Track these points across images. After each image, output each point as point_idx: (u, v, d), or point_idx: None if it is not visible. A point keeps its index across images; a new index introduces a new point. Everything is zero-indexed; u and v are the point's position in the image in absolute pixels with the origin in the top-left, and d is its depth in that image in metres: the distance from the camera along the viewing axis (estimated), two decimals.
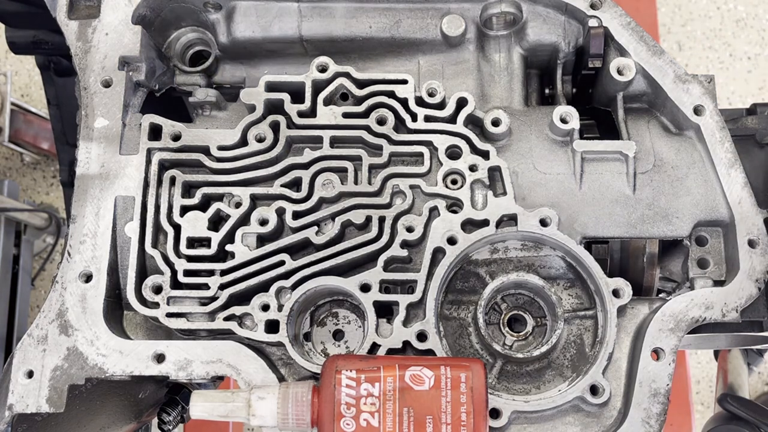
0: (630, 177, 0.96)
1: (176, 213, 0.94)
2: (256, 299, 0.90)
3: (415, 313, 0.92)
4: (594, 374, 0.88)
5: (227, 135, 0.96)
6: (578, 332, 0.94)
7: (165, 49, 1.06)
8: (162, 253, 0.92)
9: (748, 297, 0.91)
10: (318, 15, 1.03)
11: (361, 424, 0.77)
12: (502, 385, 0.93)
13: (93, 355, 0.88)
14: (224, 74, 1.08)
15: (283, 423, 0.79)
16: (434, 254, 0.92)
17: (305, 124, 0.97)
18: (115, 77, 0.98)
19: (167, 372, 0.88)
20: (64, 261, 0.92)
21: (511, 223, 0.93)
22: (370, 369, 0.79)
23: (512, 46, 1.03)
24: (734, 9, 2.88)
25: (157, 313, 0.90)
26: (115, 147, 0.95)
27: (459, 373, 0.79)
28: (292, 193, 0.95)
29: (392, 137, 0.96)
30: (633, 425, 0.86)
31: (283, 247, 0.93)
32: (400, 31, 1.03)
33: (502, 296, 0.97)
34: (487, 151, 0.95)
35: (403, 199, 0.94)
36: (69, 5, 1.00)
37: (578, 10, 1.00)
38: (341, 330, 0.95)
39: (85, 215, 0.93)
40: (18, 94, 2.77)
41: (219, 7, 1.03)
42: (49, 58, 1.44)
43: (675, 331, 0.89)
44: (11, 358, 0.88)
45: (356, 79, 0.98)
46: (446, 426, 0.77)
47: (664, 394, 0.87)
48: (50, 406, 0.86)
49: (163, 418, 1.06)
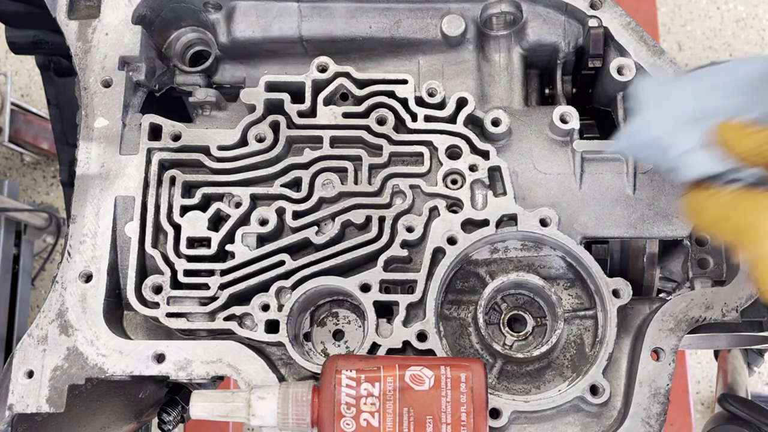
0: (630, 177, 0.96)
1: (176, 213, 0.94)
2: (256, 299, 0.91)
3: (415, 313, 0.92)
4: (594, 374, 0.88)
5: (227, 135, 0.96)
6: (578, 332, 0.94)
7: (165, 49, 1.06)
8: (162, 253, 0.93)
9: (748, 297, 0.91)
10: (318, 15, 1.03)
11: (361, 424, 0.77)
12: (502, 385, 0.93)
13: (93, 355, 0.88)
14: (224, 74, 1.08)
15: (283, 423, 0.79)
16: (434, 254, 0.92)
17: (305, 124, 0.97)
18: (115, 77, 0.98)
19: (167, 372, 0.88)
20: (64, 261, 0.92)
21: (511, 223, 0.93)
22: (370, 369, 0.79)
23: (512, 46, 1.03)
24: (734, 9, 2.89)
25: (157, 313, 0.90)
26: (115, 147, 0.95)
27: (459, 373, 0.79)
28: (292, 193, 0.95)
29: (392, 137, 0.96)
30: (633, 425, 0.87)
31: (283, 247, 0.93)
32: (400, 31, 1.03)
33: (502, 296, 0.97)
34: (487, 151, 0.95)
35: (403, 199, 0.94)
36: (69, 5, 1.00)
37: (578, 10, 1.00)
38: (341, 330, 0.95)
39: (85, 215, 0.93)
40: (18, 94, 2.77)
41: (219, 7, 1.03)
42: (49, 58, 1.44)
43: (675, 331, 0.89)
44: (11, 358, 0.88)
45: (356, 79, 0.98)
46: (446, 426, 0.77)
47: (664, 394, 0.87)
48: (50, 406, 0.86)
49: (163, 418, 1.06)
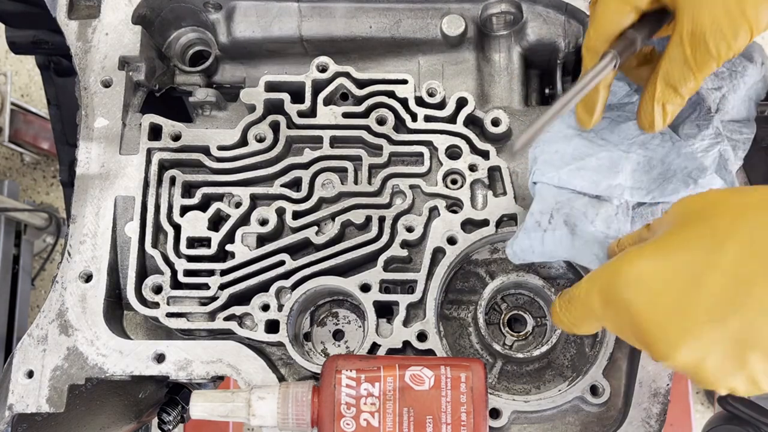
0: None
1: (176, 213, 0.94)
2: (256, 299, 0.91)
3: (415, 313, 0.92)
4: (594, 374, 0.88)
5: (227, 135, 0.96)
6: None
7: (165, 49, 1.06)
8: (162, 253, 0.93)
9: None
10: (318, 15, 1.03)
11: (361, 424, 0.77)
12: (502, 385, 0.93)
13: (93, 355, 0.88)
14: (224, 74, 1.08)
15: (283, 423, 0.79)
16: (434, 254, 0.92)
17: (305, 124, 0.97)
18: (115, 77, 0.98)
19: (167, 372, 0.88)
20: (64, 261, 0.92)
21: (511, 223, 0.93)
22: (370, 369, 0.79)
23: (512, 46, 1.03)
24: None
25: (157, 313, 0.90)
26: (115, 147, 0.95)
27: (459, 373, 0.79)
28: (292, 193, 0.95)
29: (392, 137, 0.96)
30: (633, 425, 0.87)
31: (283, 247, 0.93)
32: (400, 31, 1.03)
33: (502, 296, 0.97)
34: (487, 151, 0.95)
35: (403, 199, 0.94)
36: (69, 5, 1.00)
37: (578, 10, 1.00)
38: (341, 330, 0.95)
39: (85, 215, 0.93)
40: (18, 94, 2.77)
41: (219, 7, 1.03)
42: (49, 58, 1.44)
43: None
44: (11, 358, 0.88)
45: (356, 79, 0.98)
46: (446, 426, 0.77)
47: (664, 394, 0.87)
48: (50, 406, 0.86)
49: (163, 418, 1.06)
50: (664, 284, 0.63)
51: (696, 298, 0.61)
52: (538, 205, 0.86)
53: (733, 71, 0.88)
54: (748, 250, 0.60)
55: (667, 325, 0.62)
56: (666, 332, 0.62)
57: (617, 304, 0.66)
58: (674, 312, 0.62)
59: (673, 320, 0.62)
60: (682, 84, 0.75)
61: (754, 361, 0.60)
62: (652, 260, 0.64)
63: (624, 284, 0.65)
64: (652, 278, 0.63)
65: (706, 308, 0.61)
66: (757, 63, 0.88)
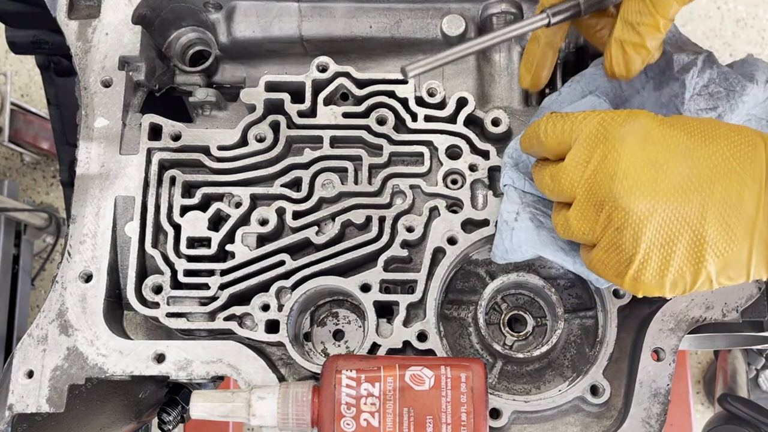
0: None
1: (176, 213, 0.94)
2: (256, 299, 0.91)
3: (415, 313, 0.92)
4: (594, 374, 0.88)
5: (227, 135, 0.96)
6: (578, 332, 0.94)
7: (165, 49, 1.06)
8: (162, 253, 0.93)
9: (748, 297, 0.91)
10: (318, 15, 1.03)
11: (361, 424, 0.77)
12: (503, 385, 0.93)
13: (93, 355, 0.88)
14: (224, 74, 1.08)
15: (283, 423, 0.79)
16: (434, 254, 0.92)
17: (305, 124, 0.97)
18: (115, 77, 0.98)
19: (167, 372, 0.88)
20: (64, 261, 0.92)
21: None
22: (370, 369, 0.79)
23: (512, 46, 1.03)
24: (734, 9, 2.88)
25: (157, 313, 0.90)
26: (115, 147, 0.95)
27: (459, 373, 0.79)
28: (292, 193, 0.95)
29: (392, 137, 0.96)
30: (633, 425, 0.87)
31: (283, 247, 0.93)
32: (400, 30, 1.03)
33: (503, 296, 0.97)
34: (487, 151, 0.95)
35: (403, 199, 0.94)
36: (69, 5, 1.00)
37: None
38: (341, 330, 0.95)
39: (85, 215, 0.93)
40: (18, 94, 2.77)
41: (219, 7, 1.03)
42: (49, 58, 1.44)
43: (675, 331, 0.89)
44: (11, 358, 0.88)
45: (356, 79, 0.98)
46: (446, 426, 0.77)
47: (664, 394, 0.87)
48: (50, 406, 0.86)
49: (163, 418, 1.06)
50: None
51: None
52: (506, 205, 0.88)
53: (731, 91, 0.87)
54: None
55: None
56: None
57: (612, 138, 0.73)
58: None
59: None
60: (640, 21, 0.76)
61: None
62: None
63: (625, 129, 0.73)
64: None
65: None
66: (760, 82, 0.87)
